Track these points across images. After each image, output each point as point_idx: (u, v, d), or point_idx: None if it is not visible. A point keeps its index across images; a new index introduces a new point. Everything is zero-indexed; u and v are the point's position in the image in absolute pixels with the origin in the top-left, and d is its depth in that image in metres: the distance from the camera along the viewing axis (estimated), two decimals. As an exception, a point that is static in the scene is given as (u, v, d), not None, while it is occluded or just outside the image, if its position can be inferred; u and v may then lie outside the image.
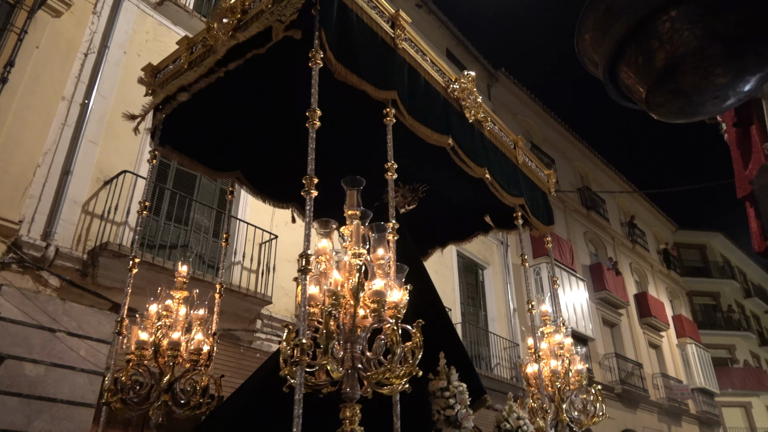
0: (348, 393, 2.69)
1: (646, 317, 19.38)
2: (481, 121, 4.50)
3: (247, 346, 7.52)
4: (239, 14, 3.59)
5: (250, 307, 7.56)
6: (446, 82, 4.15)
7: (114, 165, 6.97)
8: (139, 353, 3.70)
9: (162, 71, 4.28)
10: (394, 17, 3.68)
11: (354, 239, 2.86)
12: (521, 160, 5.04)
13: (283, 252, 8.41)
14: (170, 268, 6.68)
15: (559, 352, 4.94)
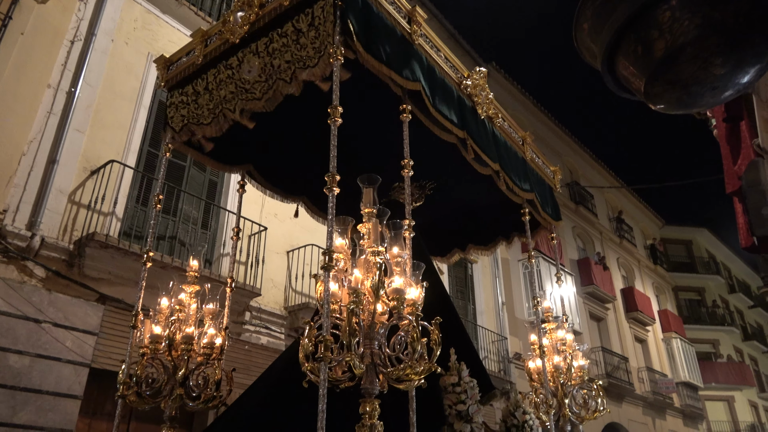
0: (367, 388, 2.74)
1: (633, 312, 19.56)
2: (492, 117, 4.53)
3: (236, 338, 7.48)
4: (257, 8, 3.58)
5: (238, 299, 7.52)
6: (459, 78, 4.18)
7: (101, 154, 6.89)
8: (153, 347, 3.74)
9: (175, 63, 4.18)
10: (410, 13, 3.71)
11: (372, 237, 2.90)
12: (529, 156, 5.08)
13: (272, 244, 8.37)
14: (158, 259, 6.63)
15: (562, 348, 5.03)
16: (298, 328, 8.25)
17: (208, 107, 3.83)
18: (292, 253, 8.74)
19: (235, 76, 3.67)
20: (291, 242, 8.77)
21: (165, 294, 3.92)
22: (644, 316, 19.97)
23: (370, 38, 3.23)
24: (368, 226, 2.94)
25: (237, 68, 3.65)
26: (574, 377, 4.92)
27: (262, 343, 7.83)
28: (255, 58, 3.54)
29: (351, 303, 2.63)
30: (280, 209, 8.87)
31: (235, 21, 3.64)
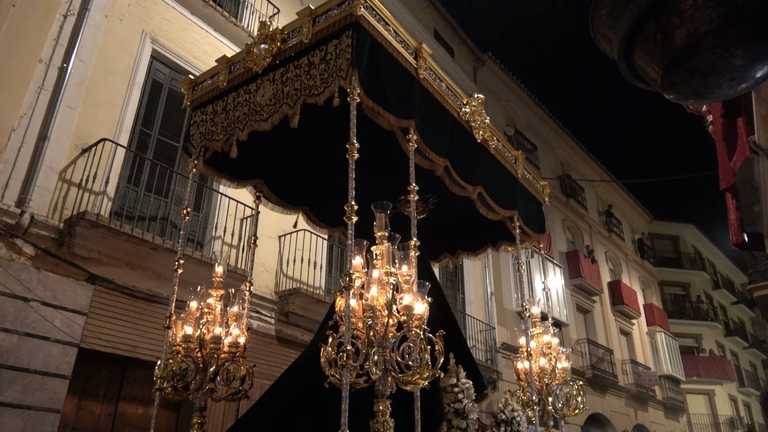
0: (380, 390, 3.15)
1: (619, 305, 19.75)
2: (487, 140, 4.91)
3: (226, 322, 7.46)
4: (279, 42, 4.00)
5: (229, 283, 7.43)
6: (458, 105, 4.56)
7: (93, 132, 6.78)
8: (186, 345, 4.22)
9: (200, 85, 4.61)
10: (417, 49, 4.10)
11: (385, 258, 3.32)
12: (520, 174, 5.49)
13: (264, 228, 8.31)
14: (149, 240, 6.57)
15: (547, 351, 5.53)
16: (288, 313, 8.24)
17: (222, 125, 4.28)
18: (284, 238, 8.69)
19: (250, 100, 4.10)
20: (283, 227, 8.71)
21: (194, 297, 4.41)
22: (630, 310, 20.17)
23: (374, 83, 3.61)
24: (381, 249, 3.37)
25: (254, 93, 4.09)
26: (557, 377, 5.42)
27: (252, 328, 7.77)
28: (270, 85, 3.97)
29: (368, 318, 3.09)
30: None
31: (258, 53, 4.09)
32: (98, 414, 6.32)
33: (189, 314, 4.30)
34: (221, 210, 7.85)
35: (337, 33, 3.67)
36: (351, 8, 3.63)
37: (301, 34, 3.88)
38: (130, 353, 6.38)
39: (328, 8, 3.79)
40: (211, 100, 4.43)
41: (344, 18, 3.67)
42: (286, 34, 4.01)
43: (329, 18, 3.77)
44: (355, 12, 3.62)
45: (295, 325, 8.36)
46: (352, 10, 3.63)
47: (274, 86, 3.93)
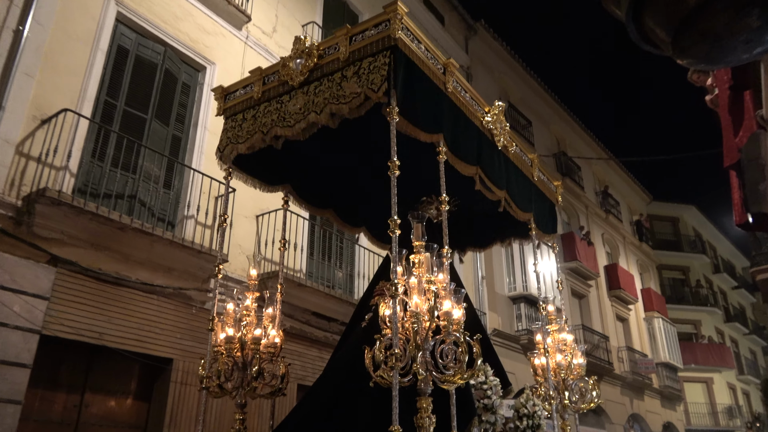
0: (422, 388, 3.66)
1: (615, 290, 20.02)
2: (507, 146, 5.47)
3: (200, 307, 7.43)
4: (315, 59, 4.43)
5: (203, 266, 7.44)
6: (482, 114, 5.09)
7: (53, 102, 6.64)
8: (228, 346, 4.75)
9: (232, 94, 5.10)
10: (446, 64, 4.60)
11: (425, 267, 3.86)
12: (536, 177, 6.11)
13: (241, 207, 8.26)
14: (116, 219, 6.49)
15: (563, 348, 6.05)
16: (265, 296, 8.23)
17: (247, 130, 4.78)
18: (262, 218, 8.64)
19: (281, 109, 4.59)
20: (261, 206, 8.66)
21: (231, 299, 4.98)
22: (627, 295, 20.46)
23: (408, 102, 4.05)
24: (420, 258, 3.90)
25: (286, 103, 4.57)
26: (573, 373, 5.98)
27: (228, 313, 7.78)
28: (303, 96, 4.45)
29: (413, 324, 3.62)
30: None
31: (295, 67, 4.54)
32: (62, 405, 6.28)
33: (227, 316, 4.84)
34: (194, 187, 7.77)
35: (374, 53, 4.12)
36: (389, 31, 4.09)
37: (337, 52, 4.34)
38: (96, 341, 6.34)
39: (364, 28, 4.26)
40: (243, 110, 4.91)
41: (382, 40, 4.12)
42: (323, 51, 4.46)
43: (366, 38, 4.22)
44: (394, 35, 4.06)
45: (274, 311, 8.36)
46: (391, 32, 4.08)
47: (306, 97, 4.41)
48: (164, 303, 7.06)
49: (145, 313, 6.83)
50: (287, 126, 4.50)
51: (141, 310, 6.80)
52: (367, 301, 5.34)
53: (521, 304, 14.44)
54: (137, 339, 6.69)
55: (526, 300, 14.46)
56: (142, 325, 6.76)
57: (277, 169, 5.52)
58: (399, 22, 4.11)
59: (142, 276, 6.91)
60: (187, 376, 7.05)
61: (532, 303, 14.65)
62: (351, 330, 5.43)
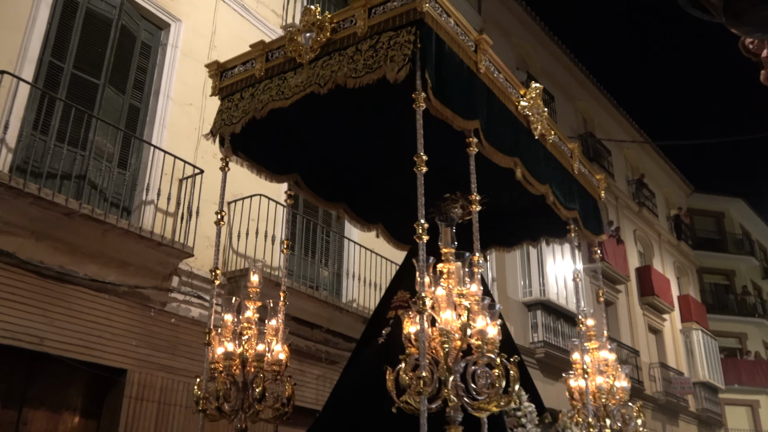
0: (452, 416, 3.74)
1: (648, 296, 20.13)
2: (545, 134, 5.53)
3: (160, 309, 7.44)
4: (329, 33, 4.50)
5: (164, 260, 7.44)
6: (517, 99, 5.19)
7: (-13, 63, 6.58)
8: (227, 363, 4.81)
9: (229, 71, 5.17)
10: (477, 41, 4.67)
11: (456, 279, 3.96)
12: (576, 169, 6.18)
13: (209, 192, 8.23)
14: (61, 203, 6.45)
15: (605, 369, 6.06)
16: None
17: (243, 109, 4.92)
18: (235, 205, 8.62)
19: (282, 85, 4.71)
20: (233, 191, 8.62)
21: (230, 310, 5.02)
22: (661, 302, 20.57)
23: (441, 84, 4.12)
24: (450, 267, 4.00)
25: (290, 78, 4.68)
26: (616, 397, 6.02)
27: (192, 316, 7.78)
28: (308, 71, 4.56)
29: (444, 343, 3.69)
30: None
31: (304, 42, 4.61)
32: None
33: (225, 329, 4.91)
34: (155, 167, 7.75)
35: (397, 29, 4.19)
36: (415, 3, 4.14)
37: (354, 26, 4.41)
38: (37, 347, 6.33)
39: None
40: (242, 89, 5.02)
41: (407, 13, 4.17)
42: (337, 24, 4.52)
43: (388, 10, 4.28)
44: (420, 7, 4.11)
45: (248, 315, 8.35)
46: (417, 5, 4.12)
47: (312, 72, 4.53)
48: (117, 303, 7.04)
49: (95, 315, 6.82)
50: (281, 99, 4.64)
51: (90, 311, 6.78)
52: (384, 313, 5.45)
53: (538, 312, 14.50)
54: (85, 345, 6.68)
55: (543, 307, 14.51)
56: (91, 330, 6.75)
57: (284, 156, 5.68)
58: None
59: (91, 271, 6.88)
60: (144, 390, 7.05)
61: (550, 310, 14.71)
62: (364, 346, 5.54)
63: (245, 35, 9.39)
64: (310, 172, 5.98)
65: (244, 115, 4.90)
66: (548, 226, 6.47)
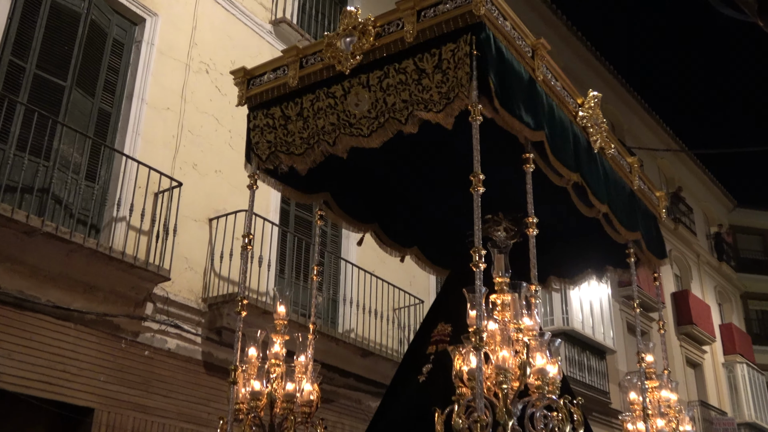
0: None
1: (686, 325, 20.04)
2: (604, 147, 5.60)
3: (132, 340, 7.43)
4: (372, 37, 4.55)
5: (137, 284, 7.44)
6: (575, 108, 5.26)
7: (-60, 63, 6.63)
8: (254, 404, 4.85)
9: (258, 78, 5.19)
10: (534, 46, 4.73)
11: (512, 311, 4.01)
12: (636, 185, 6.21)
13: (189, 207, 8.27)
14: (21, 220, 6.47)
15: (666, 411, 6.02)
16: (221, 329, 8.22)
17: (301, 136, 4.87)
18: (217, 222, 8.64)
19: (338, 107, 4.69)
20: (215, 206, 8.66)
21: (254, 344, 5.08)
22: (701, 332, 20.48)
23: (505, 92, 4.20)
24: (505, 299, 4.04)
25: (341, 99, 4.67)
26: None
27: (168, 348, 7.78)
28: (365, 91, 4.55)
29: (501, 383, 3.74)
30: (203, 158, 8.75)
31: (345, 47, 4.64)
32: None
33: (250, 365, 4.98)
34: (127, 179, 7.77)
35: (451, 34, 4.25)
36: (471, 5, 4.17)
37: (401, 30, 4.46)
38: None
39: (436, 0, 4.35)
40: (279, 100, 5.02)
41: (461, 17, 4.22)
42: (381, 28, 4.57)
43: (439, 14, 4.32)
44: (477, 10, 4.14)
45: (231, 347, 8.30)
46: (473, 8, 4.15)
47: (372, 94, 4.54)
48: (84, 333, 7.04)
49: (58, 346, 6.81)
50: (359, 135, 4.62)
51: (53, 342, 6.77)
52: (422, 348, 5.48)
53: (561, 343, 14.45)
54: (47, 381, 6.66)
55: (566, 337, 14.46)
56: (54, 363, 6.74)
57: (313, 173, 5.64)
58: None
59: (54, 297, 6.89)
60: (113, 431, 7.02)
61: (574, 342, 14.67)
62: (402, 385, 5.57)
63: (230, 31, 9.49)
64: (341, 190, 6.02)
65: (308, 146, 4.86)
66: (608, 253, 6.46)
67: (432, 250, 6.76)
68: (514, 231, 5.71)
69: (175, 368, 7.73)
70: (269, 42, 9.98)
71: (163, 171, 7.97)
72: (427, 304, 11.28)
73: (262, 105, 5.13)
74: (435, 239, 6.54)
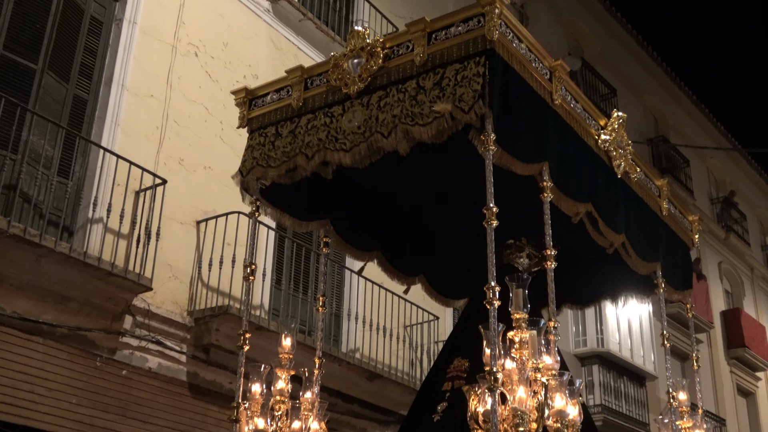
0: None
1: (737, 348, 19.93)
2: (629, 172, 5.82)
3: (108, 358, 7.45)
4: (381, 59, 4.83)
5: (114, 294, 7.46)
6: (596, 130, 5.50)
7: None
8: None
9: (260, 98, 5.50)
10: (553, 68, 4.99)
11: (530, 350, 4.16)
12: (665, 210, 6.45)
13: (174, 208, 8.28)
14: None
15: None
16: (209, 346, 8.22)
17: (284, 150, 5.17)
18: (206, 225, 8.67)
19: (332, 125, 4.98)
20: (204, 207, 8.68)
21: (258, 379, 5.17)
22: (754, 356, 20.39)
23: (506, 121, 4.44)
24: (523, 336, 4.18)
25: (339, 117, 4.97)
26: None
27: (149, 367, 7.80)
28: (363, 110, 4.84)
29: (518, 425, 3.88)
30: (190, 152, 8.76)
31: (352, 69, 4.90)
32: None
33: (253, 402, 5.09)
34: (105, 176, 7.79)
35: (462, 58, 4.52)
36: (483, 29, 4.45)
37: (411, 53, 4.75)
38: (-48, 404, 6.37)
39: (448, 23, 4.67)
40: (277, 122, 5.32)
41: (473, 41, 4.51)
42: (390, 49, 4.86)
43: (451, 36, 4.62)
44: (491, 35, 4.41)
45: (220, 366, 8.38)
46: (487, 32, 4.43)
47: (368, 111, 4.83)
48: (54, 350, 7.06)
49: (25, 364, 6.83)
50: (341, 149, 4.89)
51: (19, 359, 6.80)
52: (438, 384, 5.61)
53: (594, 367, 14.44)
54: (11, 403, 6.68)
55: (601, 360, 14.46)
56: (20, 383, 6.75)
57: (310, 199, 5.92)
58: (497, 18, 4.45)
59: (22, 308, 6.92)
60: (86, 462, 7.05)
61: (610, 365, 14.62)
62: (416, 424, 5.74)
63: (222, 9, 9.51)
64: (342, 216, 6.24)
65: (286, 159, 5.14)
66: (631, 280, 6.64)
67: (441, 280, 6.95)
68: (538, 257, 5.88)
69: (157, 390, 7.74)
70: (267, 22, 10.03)
71: (145, 166, 7.99)
72: (442, 321, 11.31)
73: (262, 126, 5.41)
74: (443, 268, 6.75)
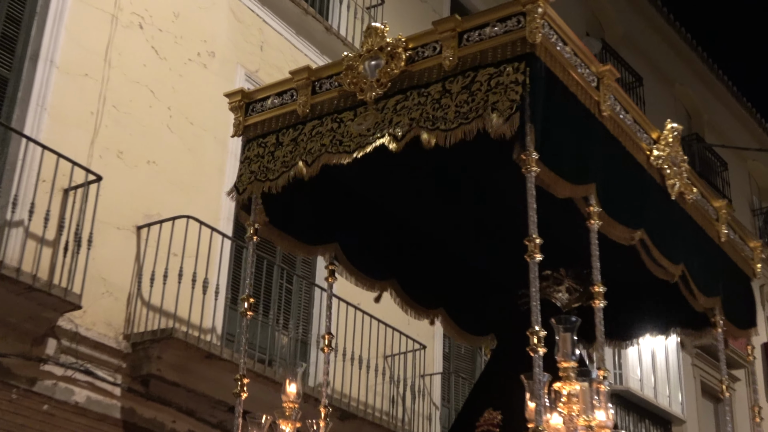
0: None
1: (781, 386, 20.02)
2: (683, 192, 5.86)
3: (26, 389, 7.41)
4: (403, 62, 4.85)
5: (36, 313, 7.43)
6: (648, 145, 5.57)
7: None
8: None
9: (259, 103, 5.55)
10: (600, 74, 5.03)
11: (581, 405, 4.21)
12: (724, 237, 6.50)
13: (110, 210, 8.25)
14: None
15: None
16: (149, 377, 8.18)
17: (283, 159, 5.25)
18: (148, 232, 8.64)
19: (339, 129, 5.06)
20: (146, 210, 8.65)
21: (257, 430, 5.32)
22: (801, 397, 20.47)
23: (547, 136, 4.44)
24: (572, 388, 4.23)
25: (349, 122, 5.04)
26: None
27: (75, 401, 7.77)
28: (376, 113, 4.91)
29: None
30: (132, 143, 8.73)
31: (369, 73, 4.92)
32: None
33: None
34: (27, 169, 7.76)
35: (499, 62, 4.53)
36: (524, 31, 4.46)
37: (438, 56, 4.76)
38: None
39: (482, 22, 4.69)
40: (279, 130, 5.40)
41: (512, 44, 4.52)
42: (414, 51, 4.88)
43: (486, 38, 4.63)
44: (533, 39, 4.40)
45: (162, 402, 8.33)
46: (527, 35, 4.43)
47: (381, 115, 4.89)
48: (-39, 379, 7.01)
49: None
50: (343, 152, 4.96)
51: None
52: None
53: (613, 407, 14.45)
54: None
55: (621, 401, 14.46)
56: None
57: (320, 221, 6.07)
58: (540, 18, 4.41)
59: None
60: None
61: (630, 407, 14.66)
62: None
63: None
64: (352, 241, 6.34)
65: (285, 170, 5.17)
66: (678, 315, 6.78)
67: (463, 314, 7.01)
68: (579, 292, 6.01)
69: (84, 429, 7.71)
70: (227, -12, 10.00)
71: (76, 160, 7.95)
72: (430, 350, 11.31)
73: (261, 135, 5.48)
74: (466, 301, 6.83)
